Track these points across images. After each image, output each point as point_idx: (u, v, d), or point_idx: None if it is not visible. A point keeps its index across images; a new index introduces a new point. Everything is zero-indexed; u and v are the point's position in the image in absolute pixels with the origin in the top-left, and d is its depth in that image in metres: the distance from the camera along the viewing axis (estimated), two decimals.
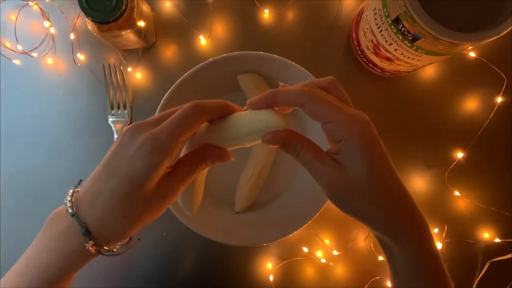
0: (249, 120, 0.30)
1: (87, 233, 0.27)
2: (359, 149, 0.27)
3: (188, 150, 0.32)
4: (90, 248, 0.28)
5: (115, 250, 0.30)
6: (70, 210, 0.28)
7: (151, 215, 0.29)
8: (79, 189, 0.30)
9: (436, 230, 0.52)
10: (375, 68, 0.52)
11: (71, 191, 0.30)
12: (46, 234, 0.29)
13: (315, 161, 0.28)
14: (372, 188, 0.27)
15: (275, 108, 0.30)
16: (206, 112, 0.29)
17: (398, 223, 0.28)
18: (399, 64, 0.47)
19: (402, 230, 0.28)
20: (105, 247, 0.29)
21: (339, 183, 0.27)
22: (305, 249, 0.51)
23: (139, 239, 0.39)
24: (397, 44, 0.43)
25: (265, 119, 0.29)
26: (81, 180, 0.31)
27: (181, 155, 0.33)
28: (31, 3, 0.55)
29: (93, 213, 0.28)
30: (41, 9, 0.55)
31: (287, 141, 0.29)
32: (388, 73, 0.52)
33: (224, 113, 0.31)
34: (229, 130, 0.30)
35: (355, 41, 0.52)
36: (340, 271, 0.52)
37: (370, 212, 0.28)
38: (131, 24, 0.47)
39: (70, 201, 0.29)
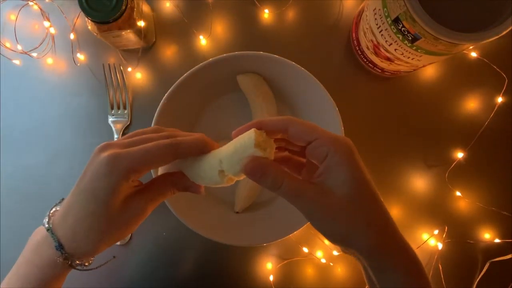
0: (226, 151, 0.29)
1: (59, 247, 0.28)
2: (345, 164, 0.26)
3: (167, 170, 0.33)
4: (61, 261, 0.29)
5: (87, 264, 0.31)
6: (46, 225, 0.29)
7: (119, 232, 0.29)
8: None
9: (436, 232, 0.52)
10: (375, 68, 0.52)
11: (53, 208, 0.31)
12: (26, 247, 0.31)
13: (298, 190, 0.27)
14: (360, 206, 0.26)
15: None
16: (180, 154, 0.29)
17: (387, 247, 0.27)
18: (399, 64, 0.47)
19: (394, 256, 0.27)
20: (77, 261, 0.30)
21: (324, 207, 0.26)
22: (305, 249, 0.51)
23: (114, 257, 0.39)
24: (397, 44, 0.43)
25: (246, 140, 0.27)
26: (63, 199, 0.32)
27: (159, 172, 0.34)
28: (31, 3, 0.55)
29: (64, 227, 0.29)
30: (41, 9, 0.55)
31: (268, 170, 0.27)
32: (388, 73, 0.52)
33: (200, 153, 0.30)
34: (202, 168, 0.30)
35: (355, 41, 0.52)
36: (340, 271, 0.52)
37: (358, 234, 0.26)
38: (131, 24, 0.47)
39: (48, 215, 0.30)
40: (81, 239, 0.29)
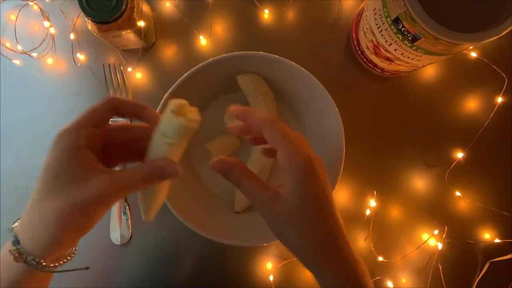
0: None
1: (16, 241, 0.27)
2: (296, 180, 0.29)
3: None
4: (16, 257, 0.27)
5: (44, 264, 0.28)
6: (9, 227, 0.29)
7: (78, 215, 0.27)
8: None
9: (436, 232, 0.52)
10: (375, 68, 0.52)
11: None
12: None
13: (255, 191, 0.30)
14: (302, 219, 0.29)
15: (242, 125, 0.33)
16: (119, 107, 0.31)
17: (322, 256, 0.29)
18: (399, 64, 0.47)
19: (327, 263, 0.29)
20: (33, 258, 0.27)
21: (274, 212, 0.29)
22: None
23: (87, 267, 0.33)
24: (397, 44, 0.43)
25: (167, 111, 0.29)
26: None
27: None
28: (31, 3, 0.55)
29: (22, 218, 0.28)
30: (41, 9, 0.55)
31: (231, 170, 0.30)
32: (388, 73, 0.52)
33: (137, 115, 0.32)
34: None
35: (355, 41, 0.52)
36: None
37: (296, 245, 0.29)
38: (131, 24, 0.47)
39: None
40: (37, 226, 0.27)
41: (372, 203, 0.52)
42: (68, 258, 0.30)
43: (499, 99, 0.53)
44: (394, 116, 0.54)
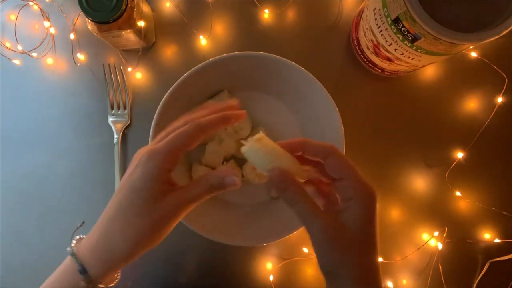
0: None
1: (83, 271, 0.30)
2: (365, 210, 0.29)
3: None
4: (83, 285, 0.30)
5: (110, 286, 0.32)
6: (69, 249, 0.31)
7: (152, 231, 0.30)
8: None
9: (436, 233, 0.52)
10: (375, 68, 0.52)
11: (77, 235, 0.34)
12: (51, 275, 0.32)
13: (312, 215, 0.29)
14: (360, 253, 0.29)
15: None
16: (206, 131, 0.32)
17: (365, 280, 0.29)
18: (399, 64, 0.47)
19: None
20: (101, 285, 0.31)
21: (332, 241, 0.29)
22: (305, 249, 0.51)
23: (83, 222, 0.38)
24: (397, 44, 0.43)
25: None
26: (84, 222, 0.35)
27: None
28: (31, 3, 0.55)
29: (94, 235, 0.31)
30: (41, 9, 0.55)
31: (289, 186, 0.30)
32: (388, 73, 0.52)
33: (226, 126, 0.33)
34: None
35: (355, 41, 0.52)
36: None
37: (346, 276, 0.29)
38: (131, 24, 0.47)
39: (73, 238, 0.33)
40: (115, 241, 0.29)
41: None
42: (113, 283, 0.34)
43: (499, 99, 0.53)
44: (394, 116, 0.54)
